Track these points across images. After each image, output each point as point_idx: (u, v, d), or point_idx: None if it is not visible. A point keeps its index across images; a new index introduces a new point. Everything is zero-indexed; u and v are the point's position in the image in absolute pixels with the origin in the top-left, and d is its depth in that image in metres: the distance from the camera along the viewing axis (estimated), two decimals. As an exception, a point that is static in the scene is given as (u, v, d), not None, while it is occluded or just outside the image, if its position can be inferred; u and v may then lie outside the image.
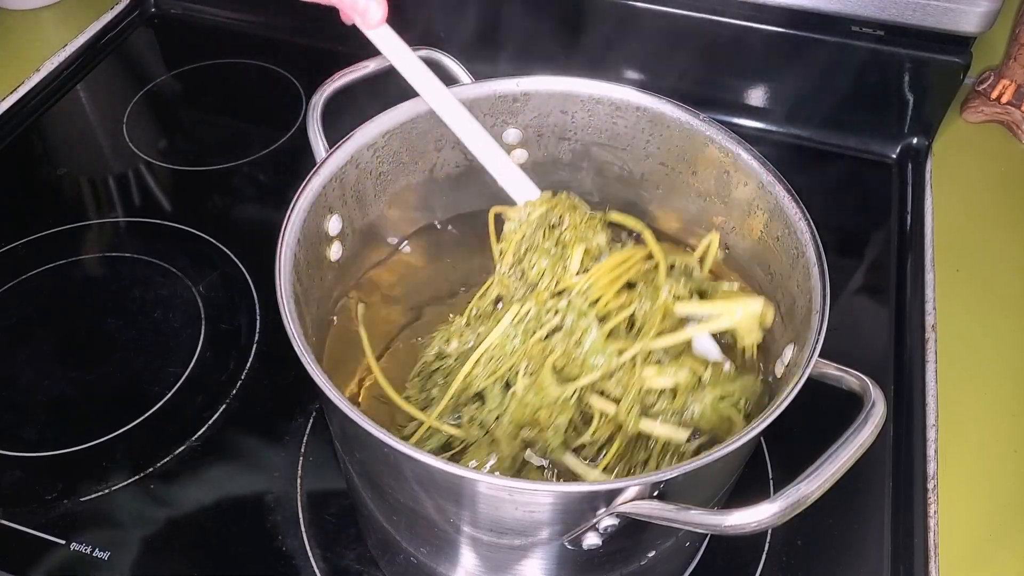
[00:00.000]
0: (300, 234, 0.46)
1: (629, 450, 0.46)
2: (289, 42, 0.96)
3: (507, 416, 0.45)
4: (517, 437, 0.45)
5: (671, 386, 0.45)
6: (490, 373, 0.46)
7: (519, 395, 0.45)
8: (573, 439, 0.45)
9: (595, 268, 0.47)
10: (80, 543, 0.55)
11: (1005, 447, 0.61)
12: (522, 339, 0.46)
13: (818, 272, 0.44)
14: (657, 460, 0.45)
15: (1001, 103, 0.85)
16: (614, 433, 0.45)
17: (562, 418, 0.44)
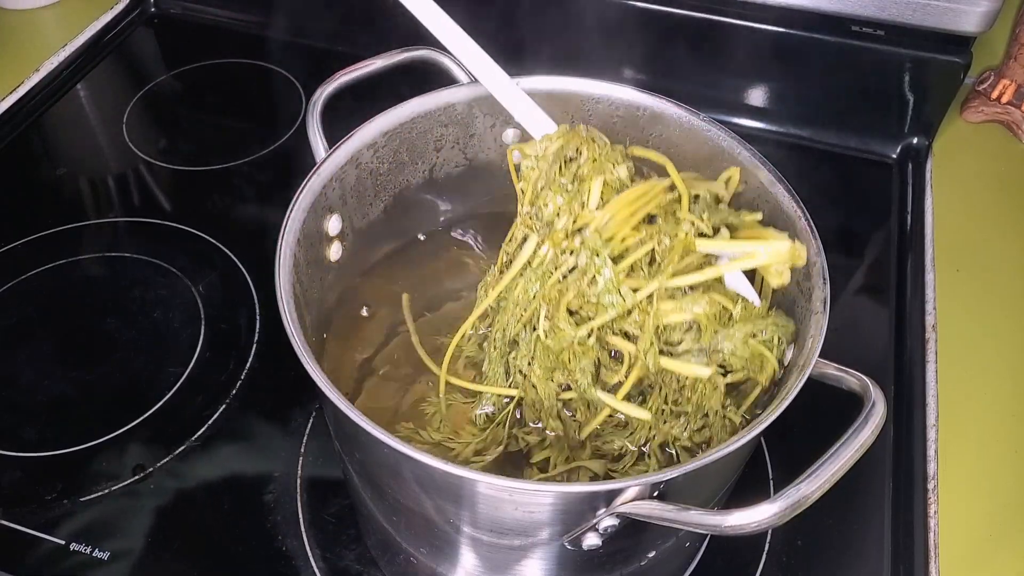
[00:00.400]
0: (300, 234, 0.46)
1: (663, 386, 0.45)
2: (289, 42, 0.96)
3: (536, 362, 0.45)
4: (551, 380, 0.45)
5: (689, 320, 0.43)
6: (518, 319, 0.45)
7: (542, 340, 0.44)
8: (609, 377, 0.45)
9: (613, 201, 0.44)
10: (80, 543, 0.55)
11: (1005, 447, 0.61)
12: (540, 282, 0.44)
13: (818, 272, 0.44)
14: (692, 396, 0.44)
15: (1001, 103, 0.85)
16: (644, 373, 0.44)
17: (585, 360, 0.43)
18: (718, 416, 0.45)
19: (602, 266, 0.42)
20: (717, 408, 0.45)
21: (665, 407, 0.45)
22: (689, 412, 0.45)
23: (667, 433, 0.45)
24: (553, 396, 0.45)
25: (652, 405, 0.45)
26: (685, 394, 0.45)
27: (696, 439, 0.46)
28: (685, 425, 0.45)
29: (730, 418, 0.45)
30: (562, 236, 0.44)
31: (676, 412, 0.45)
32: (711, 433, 0.45)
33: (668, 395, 0.45)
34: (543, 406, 0.46)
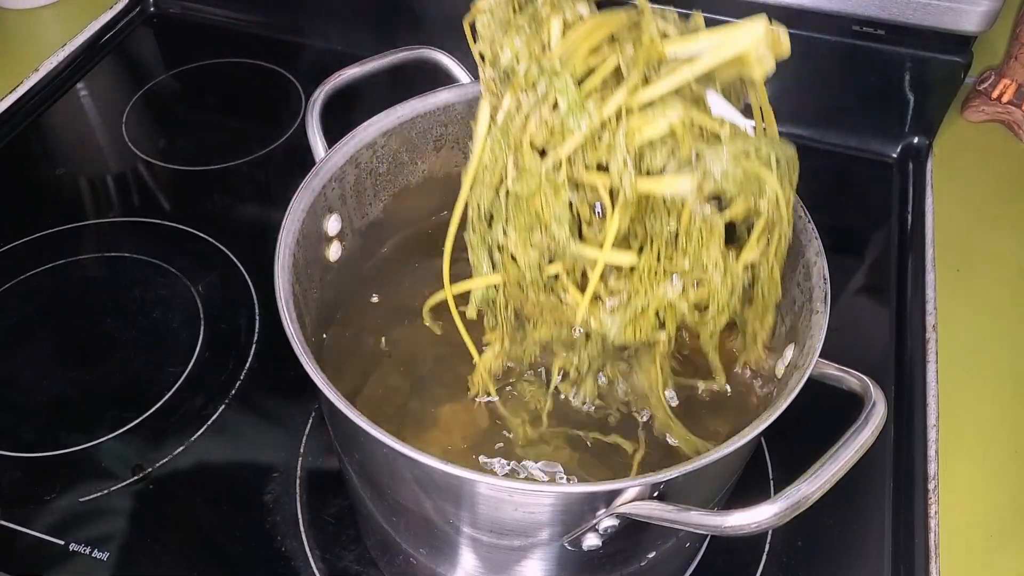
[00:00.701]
0: (299, 234, 0.46)
1: (655, 238, 0.41)
2: (289, 42, 0.96)
3: (511, 225, 0.41)
4: (530, 246, 0.41)
5: (665, 130, 0.38)
6: (489, 185, 0.42)
7: (512, 191, 0.40)
8: (590, 235, 0.41)
9: (570, 32, 0.40)
10: (80, 543, 0.55)
11: (1005, 447, 0.61)
12: (503, 133, 0.41)
13: (818, 272, 0.44)
14: (687, 245, 0.40)
15: (1002, 102, 0.85)
16: (627, 213, 0.40)
17: (559, 205, 0.39)
18: (717, 268, 0.41)
19: (563, 87, 0.38)
20: (716, 258, 0.41)
21: (657, 265, 0.41)
22: (685, 269, 0.41)
23: (661, 300, 0.42)
24: (535, 267, 0.42)
25: (643, 264, 0.41)
26: (680, 244, 0.40)
27: (692, 298, 0.42)
28: (682, 287, 0.41)
29: (731, 270, 0.41)
30: (523, 83, 0.40)
31: (670, 272, 0.41)
32: (709, 291, 0.41)
33: (660, 249, 0.41)
34: (527, 280, 0.42)
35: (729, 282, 0.41)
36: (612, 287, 0.42)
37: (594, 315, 0.42)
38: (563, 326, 0.44)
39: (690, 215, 0.39)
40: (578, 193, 0.40)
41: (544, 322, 0.44)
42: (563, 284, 0.42)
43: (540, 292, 0.43)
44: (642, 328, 0.42)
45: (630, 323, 0.42)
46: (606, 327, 0.42)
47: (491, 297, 0.45)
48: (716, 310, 0.42)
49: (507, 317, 0.45)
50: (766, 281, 0.43)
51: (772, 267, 0.42)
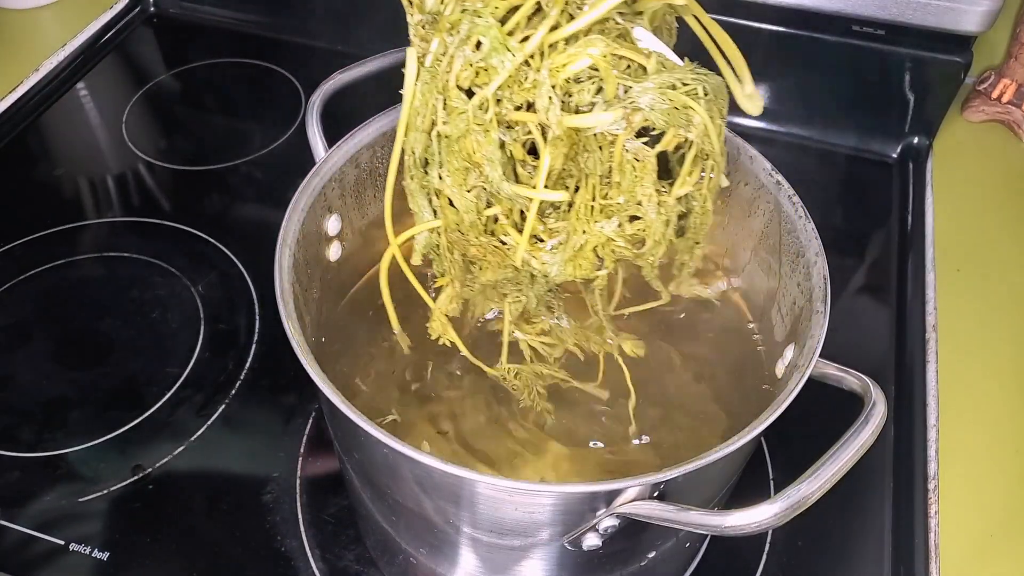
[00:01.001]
0: (299, 234, 0.46)
1: (589, 176, 0.41)
2: (289, 42, 0.96)
3: (445, 169, 0.41)
4: (466, 188, 0.41)
5: (587, 66, 0.38)
6: (421, 129, 0.41)
7: (443, 133, 0.40)
8: (525, 176, 0.41)
9: None
10: (80, 543, 0.55)
11: (1005, 447, 0.61)
12: (432, 76, 0.41)
13: (818, 272, 0.44)
14: (621, 180, 0.40)
15: (1002, 103, 0.85)
16: (565, 151, 0.40)
17: (489, 146, 0.39)
18: (652, 202, 0.41)
19: (485, 27, 0.38)
20: (650, 192, 0.41)
21: (593, 203, 0.41)
22: (621, 204, 0.41)
23: (599, 236, 0.42)
24: (473, 210, 0.42)
25: (579, 201, 0.41)
26: (614, 180, 0.41)
27: (629, 233, 0.42)
28: (618, 223, 0.42)
29: (665, 203, 0.41)
30: (447, 24, 0.40)
31: (606, 209, 0.41)
32: (645, 225, 0.42)
33: (595, 186, 0.41)
34: (466, 224, 0.42)
35: (664, 216, 0.42)
36: (551, 227, 0.42)
37: (535, 255, 0.43)
38: (507, 268, 0.44)
39: (622, 150, 0.39)
40: (510, 133, 0.40)
41: (489, 264, 0.44)
42: (503, 227, 0.43)
43: (480, 235, 0.43)
44: (582, 265, 0.43)
45: (570, 261, 0.42)
46: (547, 266, 0.43)
47: (434, 243, 0.45)
48: (652, 243, 0.42)
49: (454, 261, 0.45)
50: (699, 213, 0.44)
51: (705, 199, 0.43)
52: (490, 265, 0.44)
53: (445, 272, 0.46)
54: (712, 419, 0.51)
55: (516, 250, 0.43)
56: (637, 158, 0.40)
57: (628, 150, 0.39)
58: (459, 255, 0.45)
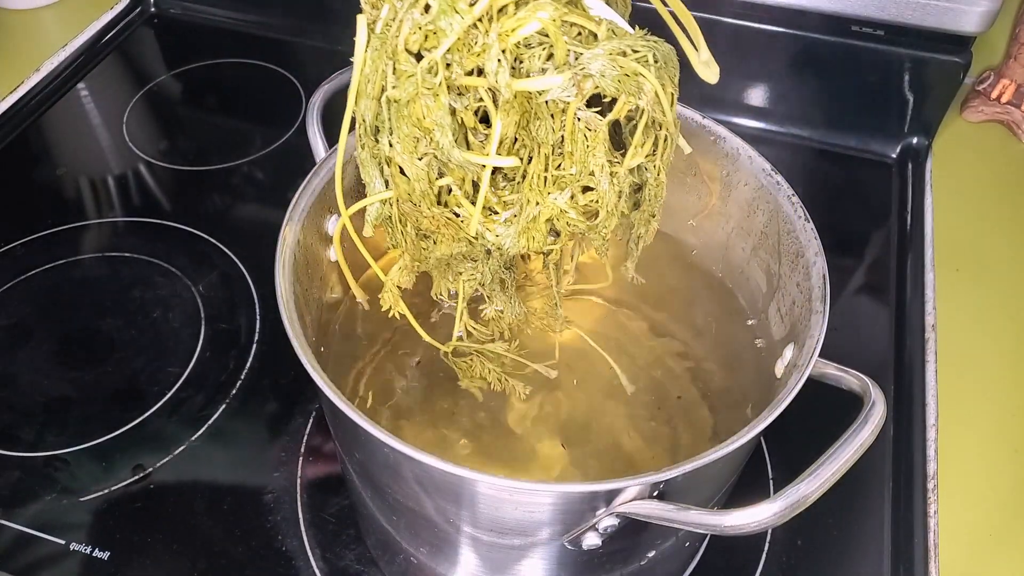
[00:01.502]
0: (300, 234, 0.46)
1: (541, 145, 0.40)
2: (289, 42, 0.96)
3: (395, 136, 0.40)
4: (416, 156, 0.40)
5: (536, 30, 0.38)
6: (372, 96, 0.41)
7: (392, 98, 0.39)
8: (477, 145, 0.41)
9: None
10: (80, 543, 0.55)
11: (1005, 447, 0.61)
12: (384, 45, 0.40)
13: (818, 272, 0.44)
14: (573, 149, 0.40)
15: (1001, 103, 0.85)
16: (516, 120, 0.39)
17: (439, 111, 0.38)
18: (604, 172, 0.41)
19: None
20: (603, 162, 0.40)
21: (546, 174, 0.41)
22: (573, 175, 0.41)
23: (552, 207, 0.41)
24: (424, 179, 0.41)
25: (532, 171, 0.41)
26: (566, 150, 0.40)
27: (581, 204, 0.42)
28: (570, 194, 0.41)
29: (617, 173, 0.41)
30: None
31: (559, 180, 0.41)
32: (598, 196, 0.41)
33: (548, 157, 0.40)
34: (417, 194, 0.42)
35: (616, 187, 0.41)
36: (505, 199, 0.42)
37: (488, 228, 0.42)
38: (461, 241, 0.44)
39: (573, 119, 0.39)
40: (461, 100, 0.39)
41: (443, 237, 0.44)
42: (455, 198, 0.42)
43: (433, 206, 0.42)
44: (535, 238, 0.42)
45: (523, 233, 0.42)
46: (500, 238, 0.42)
47: (386, 214, 0.45)
48: (605, 214, 0.42)
49: (406, 233, 0.45)
50: (653, 185, 0.44)
51: (659, 170, 0.43)
52: (443, 238, 0.44)
53: (397, 244, 0.46)
54: (711, 418, 0.51)
55: (469, 222, 0.42)
56: (589, 127, 0.39)
57: (580, 119, 0.39)
58: (412, 228, 0.44)
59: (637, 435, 0.51)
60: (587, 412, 0.52)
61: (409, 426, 0.51)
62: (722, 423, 0.51)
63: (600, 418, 0.52)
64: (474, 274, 0.47)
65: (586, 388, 0.53)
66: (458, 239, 0.43)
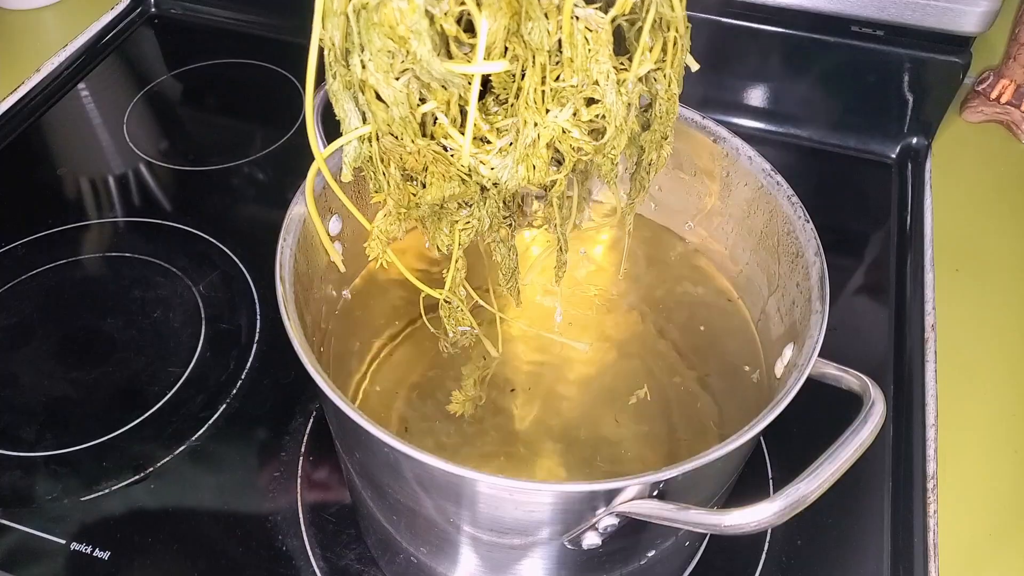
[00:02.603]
0: (300, 234, 0.46)
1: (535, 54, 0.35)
2: (289, 42, 0.96)
3: (368, 52, 0.35)
4: (392, 75, 0.35)
5: None
6: (339, 13, 0.35)
7: (358, 4, 0.34)
8: (461, 59, 0.35)
9: None
10: (80, 543, 0.55)
11: (1005, 447, 0.61)
12: None
13: (818, 272, 0.44)
14: (574, 55, 0.35)
15: (1001, 103, 0.85)
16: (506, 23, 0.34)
17: (413, 14, 0.33)
18: (610, 81, 0.36)
19: None
20: (608, 69, 0.36)
21: (543, 88, 0.36)
22: (575, 87, 0.36)
23: (553, 127, 0.37)
24: (403, 101, 0.36)
25: (528, 87, 0.36)
26: (565, 57, 0.35)
27: (586, 120, 0.37)
28: (572, 110, 0.37)
29: (624, 81, 0.37)
30: None
31: (559, 94, 0.36)
32: (604, 110, 0.37)
33: (545, 67, 0.35)
34: (398, 121, 0.36)
35: (625, 97, 0.37)
36: (498, 125, 0.37)
37: (482, 160, 0.37)
38: (453, 180, 0.39)
39: (571, 18, 0.34)
40: (439, 5, 0.34)
41: (432, 177, 0.39)
42: (442, 128, 0.37)
43: (417, 136, 0.37)
44: (535, 166, 0.37)
45: (521, 161, 0.37)
46: (496, 171, 0.38)
47: (366, 154, 0.40)
48: (614, 131, 0.37)
49: (390, 174, 0.40)
50: (664, 99, 0.40)
51: (670, 81, 0.39)
52: (433, 178, 0.39)
53: (380, 188, 0.41)
54: (711, 418, 0.51)
55: (459, 153, 0.37)
56: (589, 28, 0.35)
57: (578, 18, 0.34)
58: (396, 168, 0.40)
59: (636, 434, 0.51)
60: (587, 412, 0.52)
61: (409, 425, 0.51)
62: (722, 423, 0.51)
63: (600, 418, 0.52)
64: (470, 221, 0.42)
65: (586, 388, 0.53)
66: (449, 177, 0.39)
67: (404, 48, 0.34)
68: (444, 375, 0.53)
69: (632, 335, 0.55)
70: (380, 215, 0.44)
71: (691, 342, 0.54)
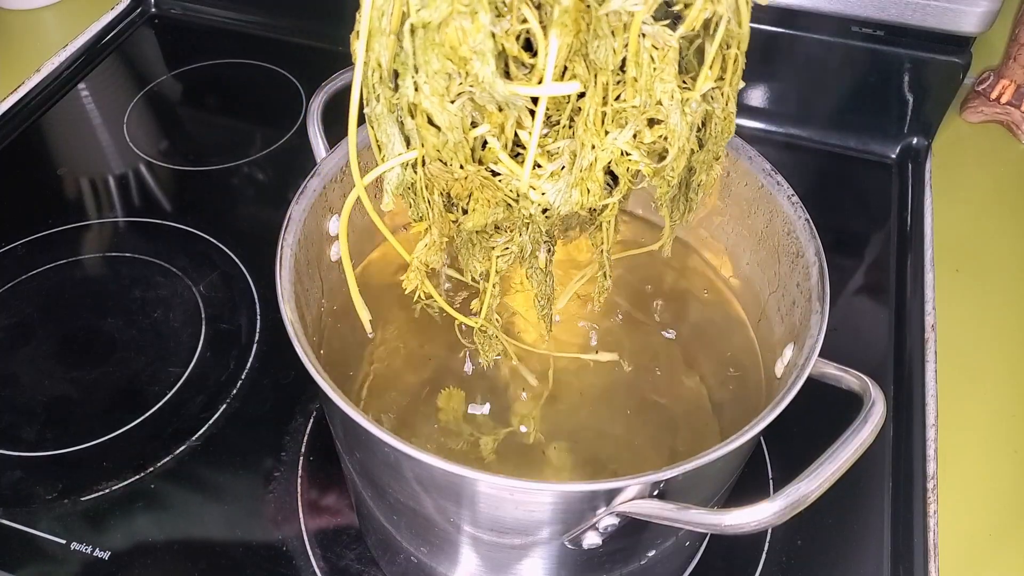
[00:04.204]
0: (300, 234, 0.46)
1: (598, 73, 0.34)
2: (289, 42, 0.96)
3: (423, 73, 0.33)
4: (448, 99, 0.33)
5: None
6: (389, 33, 0.33)
7: (419, 22, 0.32)
8: (521, 81, 0.34)
9: None
10: (80, 543, 0.55)
11: (1005, 447, 0.61)
12: None
13: (818, 272, 0.44)
14: (638, 74, 0.34)
15: (1001, 103, 0.85)
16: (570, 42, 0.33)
17: (478, 33, 0.31)
18: (674, 100, 0.35)
19: None
20: (672, 88, 0.34)
21: (604, 108, 0.35)
22: (637, 108, 0.35)
23: (612, 150, 0.35)
24: (457, 125, 0.34)
25: (588, 108, 0.34)
26: (628, 76, 0.34)
27: (647, 142, 0.36)
28: (633, 132, 0.35)
29: (689, 100, 0.35)
30: None
31: (619, 116, 0.35)
32: (667, 131, 0.35)
33: (607, 84, 0.34)
34: (450, 146, 0.35)
35: (689, 117, 0.35)
36: (549, 149, 0.36)
37: (532, 186, 0.36)
38: (499, 206, 0.37)
39: (638, 36, 0.33)
40: (501, 22, 0.32)
41: (477, 203, 0.37)
42: (492, 152, 0.36)
43: (468, 161, 0.36)
44: (590, 190, 0.36)
45: (576, 185, 0.36)
46: (548, 196, 0.36)
47: (409, 181, 0.38)
48: (676, 152, 0.36)
49: (434, 202, 0.38)
50: (720, 118, 0.38)
51: (727, 99, 0.38)
52: (478, 204, 0.38)
53: (422, 216, 0.40)
54: (711, 418, 0.51)
55: (509, 179, 0.36)
56: (655, 46, 0.33)
57: (645, 36, 0.33)
58: (439, 195, 0.38)
59: (637, 434, 0.51)
60: (587, 412, 0.52)
61: (409, 425, 0.51)
62: (722, 422, 0.51)
63: (600, 418, 0.52)
64: (509, 247, 0.41)
65: (587, 388, 0.53)
66: (495, 203, 0.37)
67: (464, 70, 0.33)
68: (444, 375, 0.53)
69: (632, 335, 0.55)
70: (420, 245, 0.42)
71: (691, 342, 0.54)
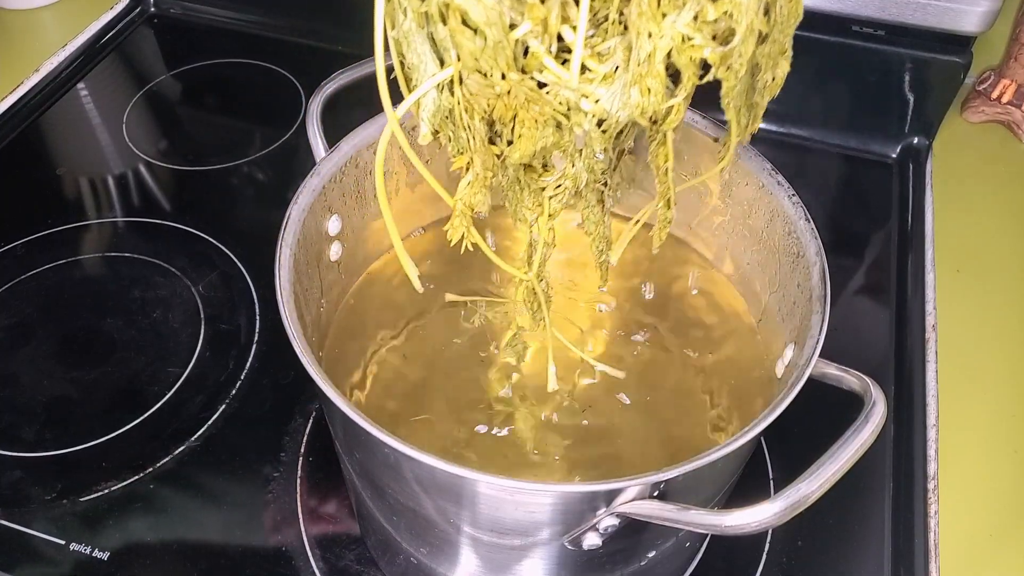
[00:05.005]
0: (300, 234, 0.46)
1: None
2: (289, 42, 0.96)
3: None
4: None
5: None
6: None
7: None
8: None
9: None
10: (80, 543, 0.55)
11: (1005, 447, 0.61)
12: None
13: (818, 272, 0.44)
14: None
15: (1001, 103, 0.85)
16: None
17: None
18: None
19: None
20: None
21: None
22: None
23: (672, 35, 0.31)
24: (497, 23, 0.30)
25: None
26: None
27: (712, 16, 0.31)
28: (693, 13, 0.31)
29: None
30: None
31: None
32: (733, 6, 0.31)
33: None
34: (490, 49, 0.31)
35: None
36: (599, 49, 0.32)
37: (584, 93, 0.32)
38: (547, 125, 0.34)
39: None
40: None
41: (523, 125, 0.34)
42: (536, 58, 0.31)
43: (510, 67, 0.32)
44: (651, 88, 0.31)
45: (635, 83, 0.31)
46: (604, 102, 0.32)
47: (447, 107, 0.35)
48: (745, 32, 0.31)
49: (475, 130, 0.35)
50: (785, 1, 0.33)
51: None
52: (524, 126, 0.34)
53: (463, 149, 0.36)
54: (712, 418, 0.51)
55: (557, 90, 0.32)
56: None
57: None
58: (480, 121, 0.34)
59: (637, 435, 0.51)
60: (587, 412, 0.52)
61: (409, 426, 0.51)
62: (722, 423, 0.51)
63: (600, 418, 0.52)
64: (562, 182, 0.37)
65: (587, 388, 0.53)
66: (543, 123, 0.33)
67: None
68: (444, 374, 0.53)
69: (632, 336, 0.55)
70: (463, 184, 0.37)
71: (691, 342, 0.54)
